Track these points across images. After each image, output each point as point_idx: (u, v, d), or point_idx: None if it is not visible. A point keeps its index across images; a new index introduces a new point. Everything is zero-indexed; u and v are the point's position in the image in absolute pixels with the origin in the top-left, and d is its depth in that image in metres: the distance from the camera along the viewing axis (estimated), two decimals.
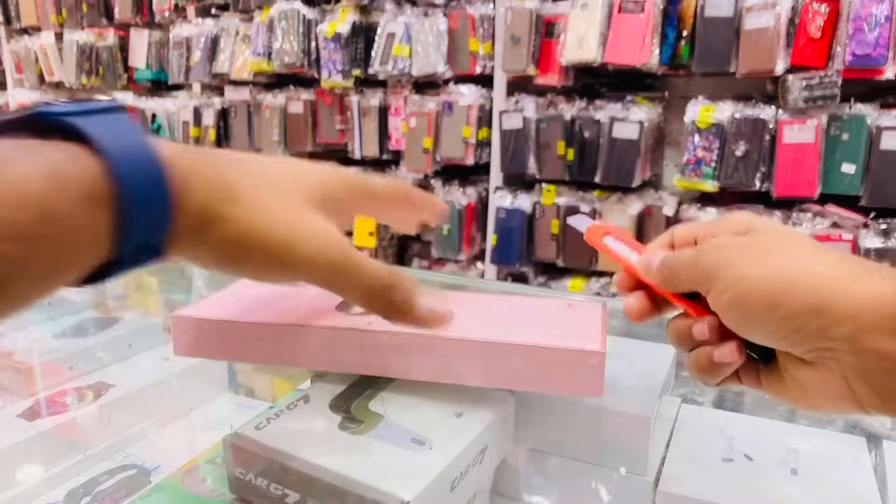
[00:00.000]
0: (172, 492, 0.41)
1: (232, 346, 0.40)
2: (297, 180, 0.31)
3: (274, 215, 0.28)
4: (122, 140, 0.24)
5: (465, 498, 0.37)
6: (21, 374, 0.52)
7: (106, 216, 0.23)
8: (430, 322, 0.33)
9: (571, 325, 0.39)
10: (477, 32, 1.84)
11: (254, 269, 0.29)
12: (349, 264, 0.30)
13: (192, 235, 0.26)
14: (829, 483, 0.40)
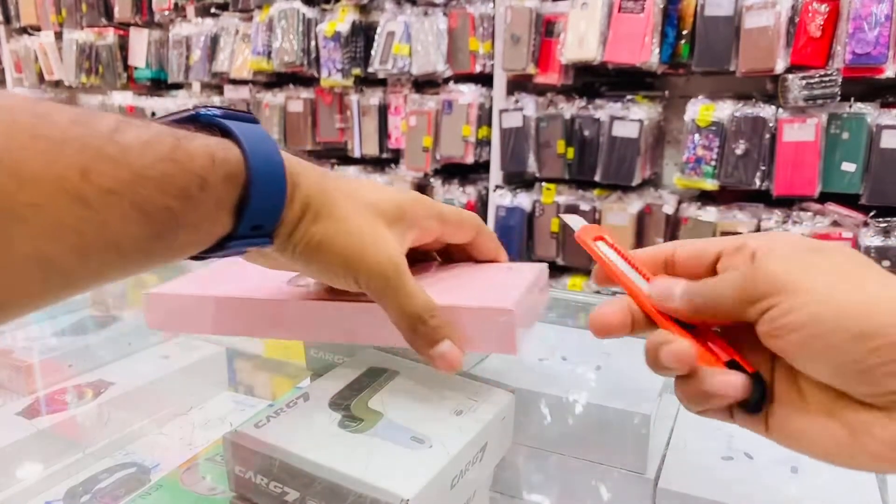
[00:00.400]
0: (172, 490, 0.41)
1: (198, 320, 0.42)
2: (380, 199, 0.36)
3: (352, 229, 0.34)
4: (255, 140, 0.30)
5: (465, 496, 0.37)
6: (21, 372, 0.52)
7: (237, 195, 0.29)
8: (440, 363, 0.35)
9: (499, 285, 0.39)
10: (477, 31, 1.84)
11: (323, 269, 0.34)
12: (398, 285, 0.34)
13: (291, 228, 0.32)
14: (830, 482, 0.40)
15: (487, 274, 0.43)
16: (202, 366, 0.58)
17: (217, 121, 0.30)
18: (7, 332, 0.60)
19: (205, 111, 0.31)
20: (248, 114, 0.32)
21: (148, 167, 0.25)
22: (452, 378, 0.42)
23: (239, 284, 0.42)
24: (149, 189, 0.25)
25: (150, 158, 0.26)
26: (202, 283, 0.44)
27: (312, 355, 0.50)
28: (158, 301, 0.42)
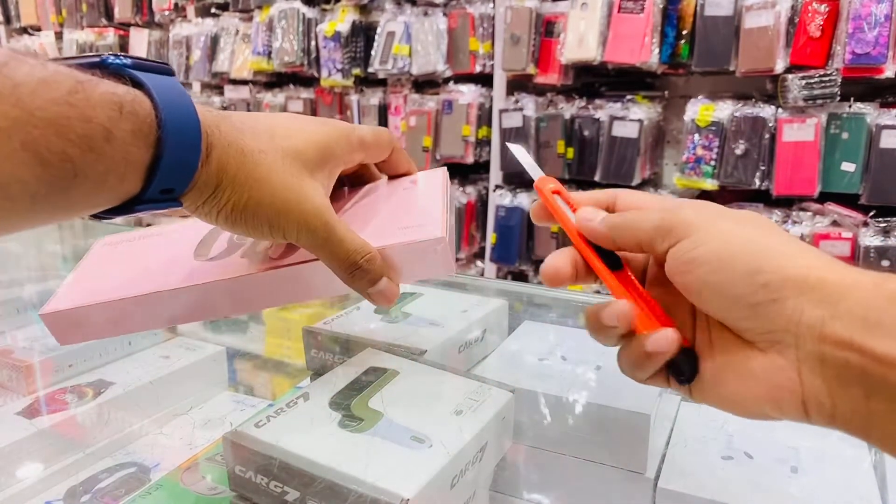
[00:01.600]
0: (172, 489, 0.41)
1: (112, 325, 0.39)
2: (300, 144, 0.35)
3: (276, 189, 0.33)
4: (169, 94, 0.28)
5: (465, 496, 0.37)
6: (21, 372, 0.52)
7: (146, 153, 0.27)
8: (379, 299, 0.37)
9: (418, 210, 0.40)
10: (477, 31, 1.84)
11: (250, 230, 0.33)
12: (328, 235, 0.34)
13: (205, 191, 0.31)
14: (829, 481, 0.40)
15: (400, 196, 0.42)
16: (202, 366, 0.58)
17: (127, 70, 0.28)
18: (7, 332, 0.60)
19: (113, 58, 0.28)
20: (162, 63, 0.30)
21: (41, 108, 0.23)
22: (452, 378, 0.42)
23: (141, 270, 0.39)
24: (42, 130, 0.23)
25: (44, 99, 0.23)
26: (98, 277, 0.40)
27: (312, 355, 0.50)
28: (58, 319, 0.38)
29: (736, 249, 0.28)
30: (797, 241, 0.29)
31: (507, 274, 1.92)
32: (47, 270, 0.81)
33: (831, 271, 0.27)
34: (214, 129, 0.30)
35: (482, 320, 0.53)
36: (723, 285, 0.28)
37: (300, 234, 0.34)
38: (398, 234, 0.37)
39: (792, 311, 0.26)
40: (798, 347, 0.27)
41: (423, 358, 0.45)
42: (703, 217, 0.30)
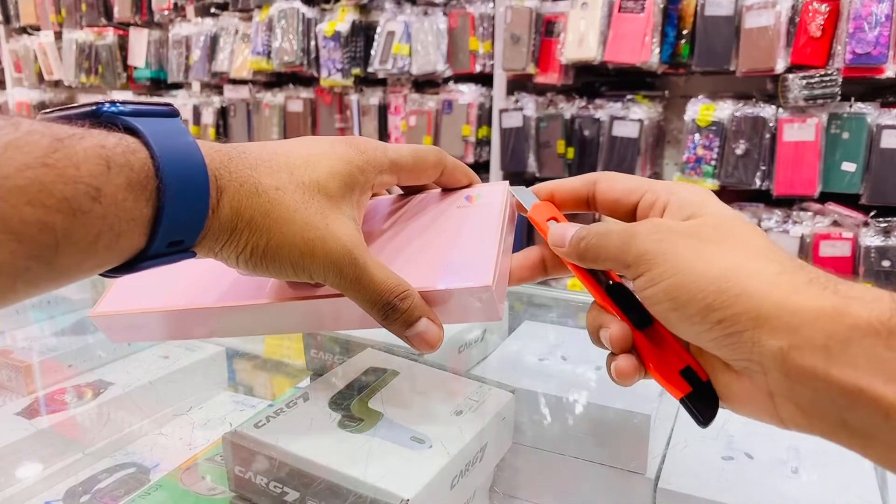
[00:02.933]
0: (172, 490, 0.41)
1: (156, 331, 0.39)
2: (321, 176, 0.32)
3: (297, 229, 0.30)
4: (169, 140, 0.26)
5: (465, 496, 0.37)
6: (20, 372, 0.52)
7: (147, 206, 0.25)
8: (418, 344, 0.33)
9: (467, 245, 0.35)
10: (477, 31, 1.84)
11: (273, 273, 0.31)
12: (358, 275, 0.32)
13: (220, 238, 0.29)
14: (830, 482, 0.40)
15: (450, 219, 0.38)
16: (202, 366, 0.58)
17: (119, 118, 0.26)
18: (6, 332, 0.60)
19: (109, 106, 0.26)
20: (164, 106, 0.28)
21: (8, 176, 0.21)
22: (452, 378, 0.42)
23: (191, 283, 0.38)
24: (13, 202, 0.21)
25: (13, 166, 0.21)
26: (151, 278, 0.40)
27: (312, 355, 0.50)
28: (107, 321, 0.39)
29: (690, 286, 0.27)
30: (767, 256, 0.28)
31: None
32: None
33: (792, 295, 0.26)
34: (223, 171, 0.28)
35: None
36: (681, 322, 0.28)
37: (327, 275, 0.31)
38: (440, 275, 0.33)
39: (751, 344, 0.26)
40: (766, 375, 0.26)
41: (423, 358, 0.45)
42: (659, 244, 0.29)
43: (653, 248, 0.29)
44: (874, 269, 1.42)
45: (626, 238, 0.30)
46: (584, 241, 0.31)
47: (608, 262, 0.31)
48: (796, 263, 0.27)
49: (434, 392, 0.40)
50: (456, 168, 0.40)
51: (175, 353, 0.59)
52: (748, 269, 0.27)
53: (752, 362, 0.26)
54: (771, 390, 0.26)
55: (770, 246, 0.28)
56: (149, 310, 0.37)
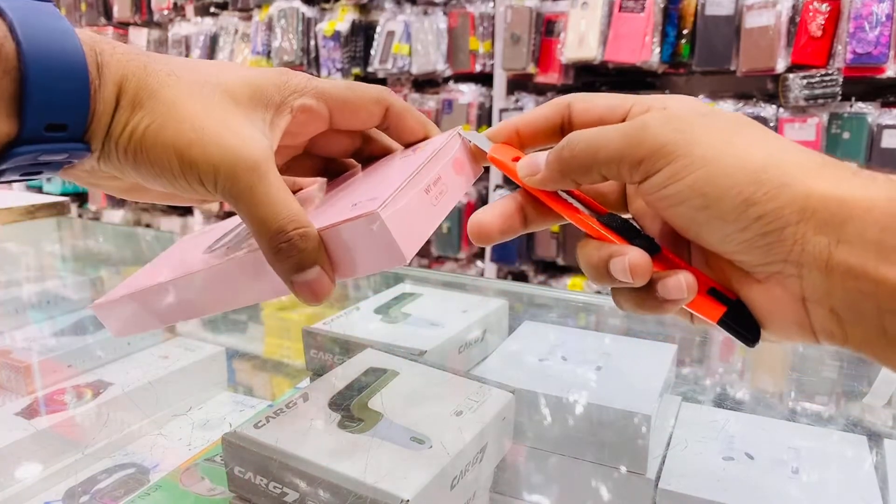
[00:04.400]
0: (171, 490, 0.41)
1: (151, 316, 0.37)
2: (229, 79, 0.28)
3: (187, 112, 0.26)
4: (31, 13, 0.23)
5: (465, 497, 0.37)
6: (19, 373, 0.52)
7: (7, 81, 0.22)
8: (305, 292, 0.28)
9: (384, 182, 0.30)
10: (477, 31, 1.84)
11: (157, 171, 0.26)
12: (253, 183, 0.26)
13: (104, 120, 0.25)
14: (830, 482, 0.40)
15: (380, 171, 0.34)
16: (201, 366, 0.58)
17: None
18: (6, 332, 0.59)
19: None
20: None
21: None
22: (452, 378, 0.42)
23: (176, 263, 0.37)
24: None
25: None
26: (146, 272, 0.40)
27: (312, 356, 0.50)
28: (106, 310, 0.38)
29: (722, 178, 0.24)
30: (801, 149, 0.25)
31: (507, 274, 1.91)
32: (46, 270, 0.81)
33: (841, 185, 0.23)
34: (106, 47, 0.25)
35: (482, 320, 0.53)
36: (710, 222, 0.24)
37: (218, 175, 0.26)
38: (341, 214, 0.28)
39: (792, 242, 0.23)
40: (801, 278, 0.24)
41: (423, 358, 0.45)
42: (680, 134, 0.25)
43: (673, 137, 0.25)
44: None
45: (633, 132, 0.25)
46: (568, 149, 0.27)
47: (607, 165, 0.26)
48: (835, 159, 0.24)
49: (434, 392, 0.40)
50: (405, 111, 0.34)
51: (174, 353, 0.59)
52: (789, 158, 0.24)
53: (789, 263, 0.24)
54: (805, 296, 0.24)
55: (795, 143, 0.25)
56: (133, 291, 0.36)
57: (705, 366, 0.62)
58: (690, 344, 0.63)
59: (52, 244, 0.94)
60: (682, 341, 0.60)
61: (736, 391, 0.58)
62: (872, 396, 0.50)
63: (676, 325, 0.66)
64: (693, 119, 0.25)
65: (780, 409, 0.53)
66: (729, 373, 0.62)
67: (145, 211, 2.77)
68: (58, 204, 0.97)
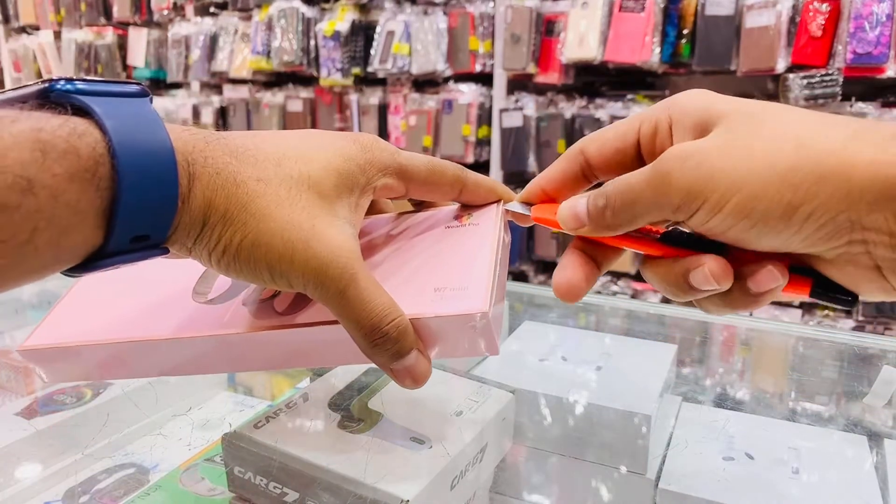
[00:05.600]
0: (171, 490, 0.41)
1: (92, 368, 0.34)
2: (314, 170, 0.28)
3: (277, 227, 0.26)
4: (129, 121, 0.23)
5: (465, 497, 0.37)
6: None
7: (97, 197, 0.22)
8: (404, 378, 0.29)
9: (460, 267, 0.31)
10: (477, 31, 1.83)
11: (249, 276, 0.27)
12: (346, 288, 0.27)
13: (192, 232, 0.26)
14: (831, 482, 0.40)
15: (438, 244, 0.33)
16: None
17: (70, 96, 0.23)
18: (6, 332, 0.59)
19: (63, 84, 0.23)
20: (131, 82, 0.25)
21: None
22: (452, 378, 0.42)
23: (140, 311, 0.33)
24: None
25: None
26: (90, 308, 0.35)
27: None
28: (40, 356, 0.34)
29: (760, 194, 0.24)
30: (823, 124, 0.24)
31: (508, 274, 1.91)
32: None
33: (879, 159, 0.22)
34: (197, 156, 0.25)
35: None
36: (764, 235, 0.25)
37: (308, 284, 0.27)
38: (430, 301, 0.29)
39: (849, 226, 0.23)
40: (869, 252, 0.24)
41: None
42: (704, 168, 0.25)
43: (696, 175, 0.25)
44: None
45: (657, 182, 0.26)
46: (608, 209, 0.28)
47: (648, 216, 0.27)
48: (864, 122, 0.24)
49: (434, 392, 0.40)
50: (478, 187, 0.34)
51: None
52: (819, 142, 0.23)
53: (853, 244, 0.24)
54: (878, 264, 0.24)
55: (814, 113, 0.25)
56: (90, 342, 0.32)
57: (705, 366, 0.62)
58: (690, 344, 0.63)
59: None
60: (682, 341, 0.60)
61: (736, 391, 0.58)
62: (872, 396, 0.50)
63: (676, 326, 0.66)
64: (706, 145, 0.25)
65: (780, 410, 0.53)
66: (729, 373, 0.62)
67: None
68: None
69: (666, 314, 0.67)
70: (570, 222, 0.29)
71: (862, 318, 1.46)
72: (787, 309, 1.56)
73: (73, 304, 0.37)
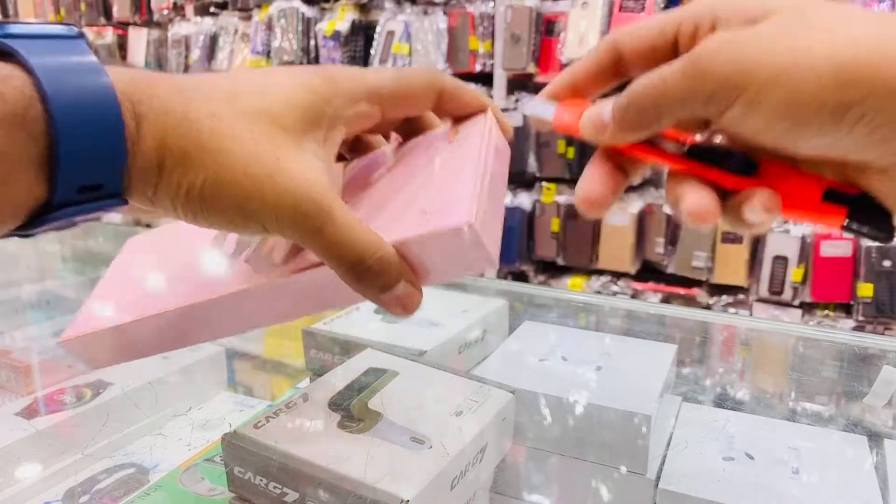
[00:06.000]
0: (171, 490, 0.41)
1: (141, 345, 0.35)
2: (273, 103, 0.26)
3: (240, 162, 0.24)
4: (61, 62, 0.21)
5: (465, 497, 0.37)
6: (19, 373, 0.52)
7: (33, 145, 0.21)
8: (395, 307, 0.28)
9: (443, 181, 0.29)
10: (477, 31, 1.84)
11: (218, 222, 0.26)
12: (323, 225, 0.25)
13: (150, 178, 0.24)
14: (831, 482, 0.40)
15: (423, 165, 0.32)
16: (201, 366, 0.58)
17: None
18: (6, 332, 0.59)
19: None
20: (66, 27, 0.23)
21: None
22: (452, 378, 0.42)
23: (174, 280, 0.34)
24: None
25: None
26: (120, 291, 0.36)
27: (312, 356, 0.50)
28: (80, 346, 0.34)
29: (809, 90, 0.21)
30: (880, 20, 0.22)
31: (507, 274, 1.91)
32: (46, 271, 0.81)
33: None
34: (142, 96, 0.23)
35: (482, 320, 0.53)
36: (808, 137, 0.22)
37: (282, 224, 0.25)
38: (416, 223, 0.27)
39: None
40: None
41: (423, 358, 0.45)
42: (746, 53, 0.22)
43: (736, 61, 0.22)
44: (875, 270, 1.42)
45: (690, 69, 0.23)
46: (632, 105, 0.25)
47: (676, 111, 0.24)
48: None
49: (434, 392, 0.40)
50: (458, 91, 0.32)
51: (175, 353, 0.58)
52: (874, 44, 0.21)
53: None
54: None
55: (877, 12, 0.23)
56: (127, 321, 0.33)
57: (705, 366, 0.62)
58: (690, 344, 0.63)
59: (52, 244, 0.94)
60: (682, 341, 0.60)
61: (736, 391, 0.58)
62: (873, 396, 0.50)
63: (676, 326, 0.66)
64: (750, 32, 0.23)
65: (780, 410, 0.53)
66: (729, 373, 0.62)
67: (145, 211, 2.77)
68: None
69: (666, 314, 0.67)
70: (591, 128, 0.27)
71: (862, 318, 1.46)
72: (787, 309, 1.56)
73: (104, 291, 0.38)
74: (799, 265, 1.51)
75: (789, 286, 1.53)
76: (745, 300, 1.62)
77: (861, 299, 1.44)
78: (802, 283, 1.52)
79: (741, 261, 1.57)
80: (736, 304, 1.63)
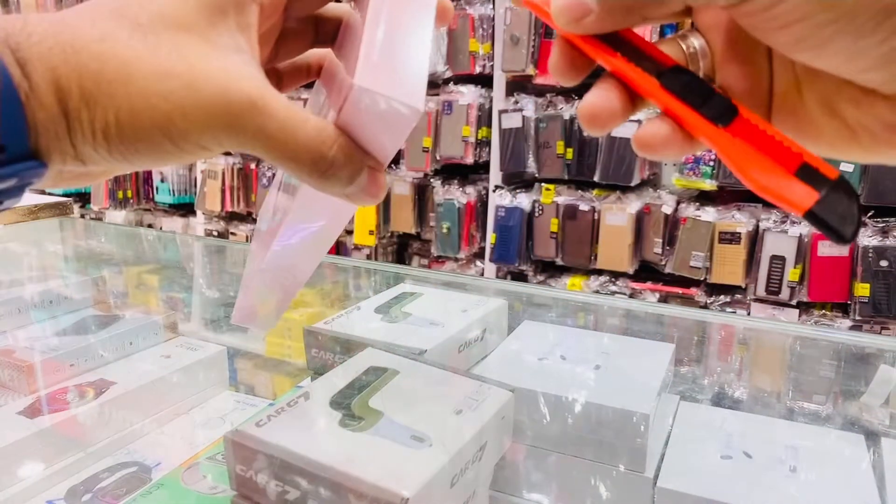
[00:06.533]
0: (173, 489, 0.41)
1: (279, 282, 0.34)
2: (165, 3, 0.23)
3: (144, 81, 0.21)
4: None
5: (465, 495, 0.37)
6: (22, 372, 0.52)
7: None
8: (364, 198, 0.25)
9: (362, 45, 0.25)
10: (476, 32, 1.84)
11: (150, 156, 0.23)
12: (264, 122, 0.22)
13: (60, 131, 0.21)
14: (828, 480, 0.40)
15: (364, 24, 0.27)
16: (203, 365, 0.58)
17: None
18: (9, 331, 0.60)
19: None
20: None
21: None
22: (452, 377, 0.42)
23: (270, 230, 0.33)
24: None
25: None
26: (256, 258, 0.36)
27: (313, 355, 0.50)
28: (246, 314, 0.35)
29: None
30: None
31: (507, 274, 1.92)
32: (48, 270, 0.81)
33: None
34: (21, 38, 0.20)
35: (482, 320, 0.53)
36: (837, 38, 0.20)
37: (219, 134, 0.22)
38: (340, 98, 0.24)
39: None
40: None
41: (423, 358, 0.45)
42: None
43: None
44: (872, 269, 1.43)
45: None
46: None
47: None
48: None
49: (434, 391, 0.40)
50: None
51: (176, 352, 0.59)
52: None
53: None
54: None
55: None
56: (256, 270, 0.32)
57: (703, 365, 0.62)
58: (688, 343, 0.63)
59: (54, 244, 0.94)
60: (680, 341, 0.61)
61: (734, 390, 0.58)
62: (870, 396, 0.50)
63: (674, 325, 0.66)
64: None
65: (777, 408, 0.54)
66: (727, 372, 0.62)
67: (147, 211, 2.77)
68: (60, 204, 0.98)
69: (664, 314, 0.68)
70: (565, 11, 0.22)
71: (859, 318, 1.46)
72: (784, 308, 1.56)
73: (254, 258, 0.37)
74: (796, 265, 1.52)
75: (786, 286, 1.53)
76: (742, 300, 1.62)
77: (858, 299, 1.45)
78: (800, 283, 1.52)
79: (739, 260, 1.57)
80: (733, 303, 1.64)
